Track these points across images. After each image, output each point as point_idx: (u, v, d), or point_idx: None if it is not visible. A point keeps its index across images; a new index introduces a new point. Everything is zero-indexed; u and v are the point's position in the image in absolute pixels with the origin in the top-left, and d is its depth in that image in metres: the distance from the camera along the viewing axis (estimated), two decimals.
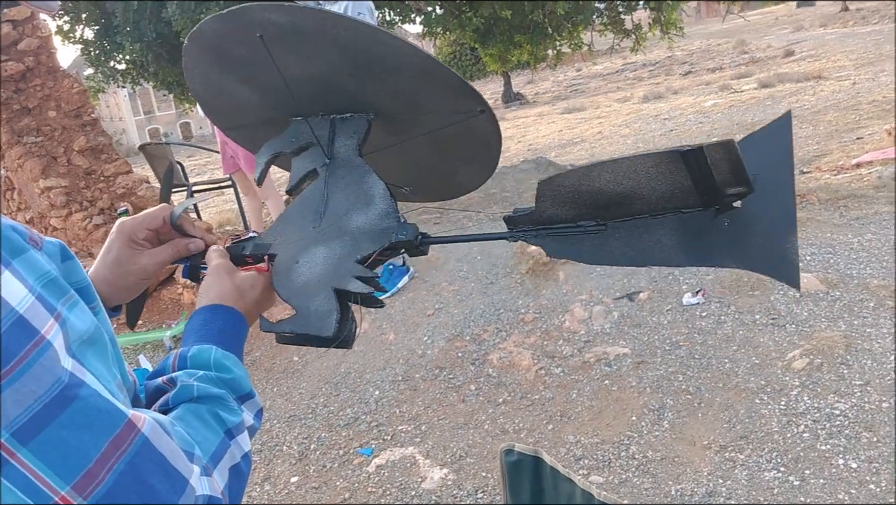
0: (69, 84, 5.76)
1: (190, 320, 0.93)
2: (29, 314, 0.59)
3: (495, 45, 9.71)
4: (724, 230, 0.92)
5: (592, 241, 0.99)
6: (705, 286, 3.85)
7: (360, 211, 1.04)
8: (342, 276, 1.00)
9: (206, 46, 1.04)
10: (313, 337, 1.00)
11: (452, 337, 3.97)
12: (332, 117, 1.08)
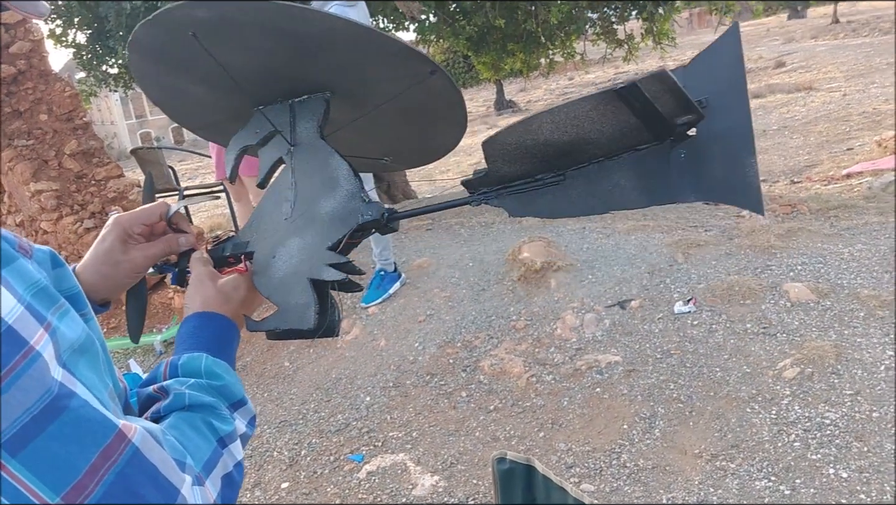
0: (61, 88, 5.74)
1: (179, 329, 0.93)
2: (18, 325, 0.59)
3: (488, 53, 9.74)
4: (681, 163, 0.88)
5: (552, 194, 0.97)
6: (696, 295, 3.86)
7: (327, 195, 1.02)
8: (315, 265, 1.00)
9: (148, 53, 1.03)
10: (297, 331, 1.00)
11: (444, 343, 3.97)
12: (291, 102, 1.07)
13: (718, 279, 4.00)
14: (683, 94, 0.82)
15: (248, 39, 0.96)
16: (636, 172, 0.91)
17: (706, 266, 4.21)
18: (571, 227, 5.29)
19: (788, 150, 10.55)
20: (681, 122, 0.86)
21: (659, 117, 0.85)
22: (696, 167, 0.87)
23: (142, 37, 1.00)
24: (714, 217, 5.46)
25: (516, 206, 1.00)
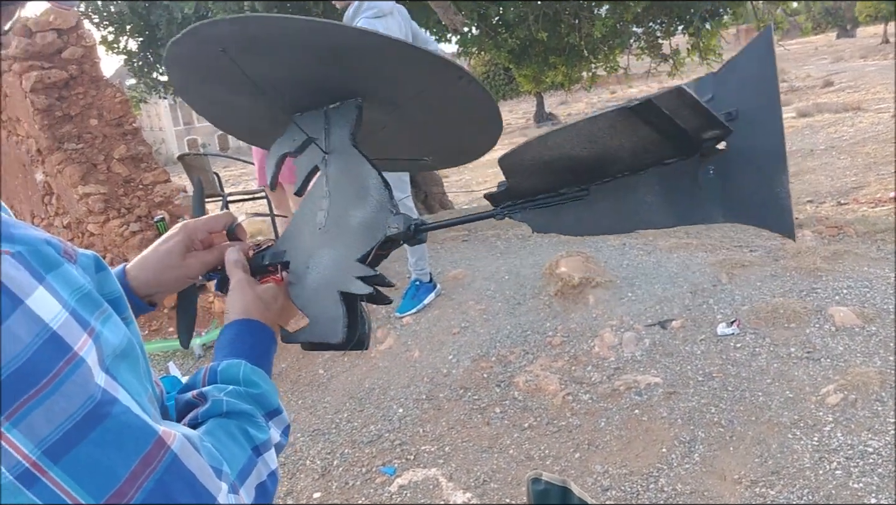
0: (112, 93, 5.86)
1: (220, 335, 0.94)
2: (62, 330, 0.60)
3: (530, 66, 9.72)
4: (709, 180, 0.83)
5: (576, 210, 0.94)
6: (740, 316, 3.78)
7: (358, 205, 1.02)
8: (344, 278, 0.99)
9: (185, 66, 1.05)
10: (327, 343, 0.99)
11: (478, 357, 3.94)
12: (325, 109, 1.07)
13: (763, 301, 3.91)
14: (705, 109, 0.77)
15: (276, 53, 0.97)
16: (662, 189, 0.87)
17: (751, 287, 4.12)
18: (611, 243, 5.23)
19: (835, 170, 10.33)
20: (707, 137, 0.81)
21: (682, 133, 0.80)
22: (725, 185, 0.82)
23: (176, 52, 1.01)
24: (759, 237, 5.36)
25: (540, 221, 0.98)
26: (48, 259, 0.63)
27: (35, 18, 5.72)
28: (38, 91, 5.51)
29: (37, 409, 0.57)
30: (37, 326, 0.58)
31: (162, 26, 7.08)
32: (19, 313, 0.58)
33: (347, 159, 1.04)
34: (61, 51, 5.69)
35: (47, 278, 0.62)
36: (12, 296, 0.58)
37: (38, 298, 0.59)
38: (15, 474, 0.57)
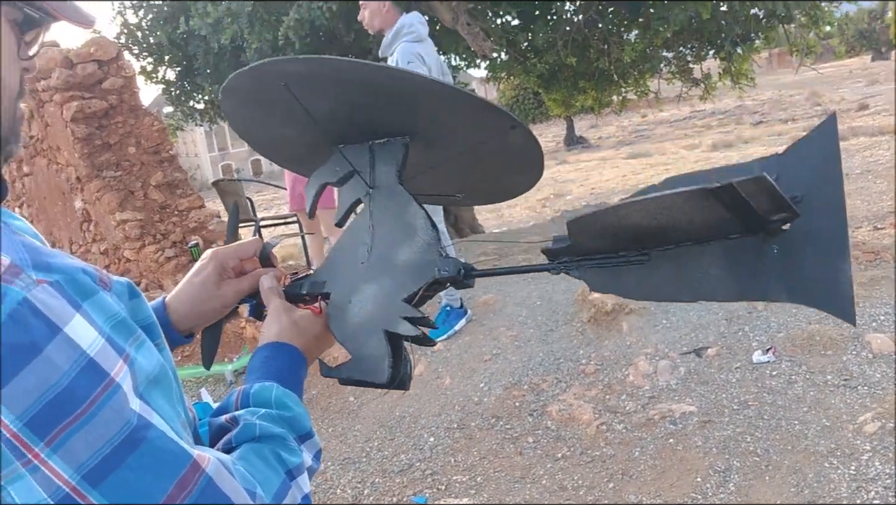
0: (150, 122, 5.99)
1: (252, 358, 0.95)
2: (99, 357, 0.61)
3: (559, 90, 9.73)
4: (773, 258, 0.85)
5: (637, 273, 0.94)
6: (776, 344, 3.72)
7: (404, 244, 1.02)
8: (391, 317, 0.99)
9: (241, 98, 1.09)
10: (369, 382, 1.00)
11: (510, 385, 3.91)
12: (370, 143, 1.07)
13: (799, 328, 3.85)
14: (780, 196, 0.78)
15: (334, 90, 1.00)
16: (726, 262, 0.88)
17: (786, 314, 4.05)
18: None
19: (872, 194, 10.16)
20: (775, 218, 0.83)
21: (753, 213, 0.81)
22: (788, 264, 0.84)
23: (237, 85, 1.05)
24: None
25: (598, 281, 0.97)
26: (84, 287, 0.64)
27: (76, 50, 5.88)
28: (78, 120, 5.65)
29: (76, 434, 0.59)
30: (74, 353, 0.60)
31: (199, 56, 7.23)
32: (58, 341, 0.59)
33: (393, 196, 1.04)
34: (102, 81, 5.84)
35: (83, 306, 0.63)
36: (50, 324, 0.60)
37: (75, 326, 0.61)
38: (56, 499, 0.59)
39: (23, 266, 0.62)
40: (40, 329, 0.59)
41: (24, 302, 0.59)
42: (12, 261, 0.61)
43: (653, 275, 0.93)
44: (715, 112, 26.31)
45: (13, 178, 7.25)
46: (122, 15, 7.52)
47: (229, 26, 6.24)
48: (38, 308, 0.59)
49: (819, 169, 0.83)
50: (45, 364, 0.58)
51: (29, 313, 0.59)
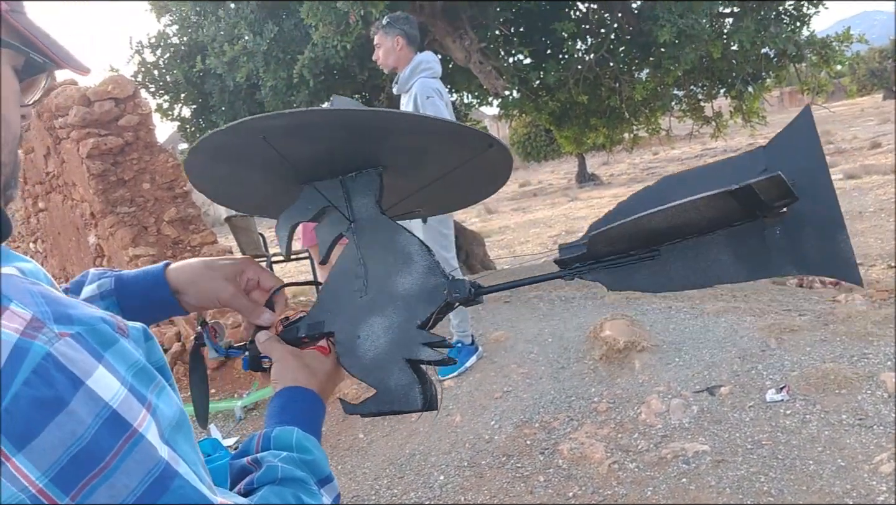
0: (164, 158, 6.06)
1: (270, 403, 0.96)
2: (122, 407, 0.62)
3: (570, 127, 9.78)
4: (776, 239, 0.93)
5: (649, 268, 0.98)
6: (790, 382, 3.67)
7: (402, 272, 1.03)
8: (410, 345, 1.00)
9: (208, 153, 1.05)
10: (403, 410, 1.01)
11: (521, 423, 3.88)
12: (341, 178, 1.07)
13: (813, 367, 3.80)
14: (789, 190, 0.86)
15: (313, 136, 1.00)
16: (732, 248, 0.95)
17: (800, 352, 4.01)
18: (657, 306, 5.16)
19: (885, 232, 10.10)
20: (777, 204, 0.91)
21: (760, 203, 0.90)
22: (791, 243, 0.92)
23: (210, 143, 1.02)
24: (808, 301, 5.24)
25: (613, 280, 1.01)
26: (105, 337, 0.65)
27: (94, 88, 5.99)
28: (94, 157, 5.72)
29: (100, 487, 0.59)
30: (97, 406, 0.60)
31: (214, 94, 7.34)
32: (81, 394, 0.60)
33: (378, 227, 1.05)
34: (118, 118, 5.93)
35: (105, 356, 0.64)
36: (74, 378, 0.60)
37: (98, 378, 0.61)
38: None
39: (44, 319, 0.62)
40: (64, 383, 0.59)
41: (47, 357, 0.60)
42: (34, 315, 0.62)
43: (664, 268, 0.98)
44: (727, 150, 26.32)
45: (28, 214, 7.33)
46: (139, 54, 7.65)
47: (245, 65, 6.34)
48: (62, 362, 0.60)
49: (804, 156, 0.91)
50: (70, 418, 0.59)
51: (53, 368, 0.60)
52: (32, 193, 7.12)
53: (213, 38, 6.71)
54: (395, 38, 4.39)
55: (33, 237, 7.45)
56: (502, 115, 9.52)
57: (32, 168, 6.91)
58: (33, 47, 0.77)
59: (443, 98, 4.37)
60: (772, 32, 6.49)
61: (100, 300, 1.05)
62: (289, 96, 6.58)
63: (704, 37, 6.11)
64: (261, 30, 6.26)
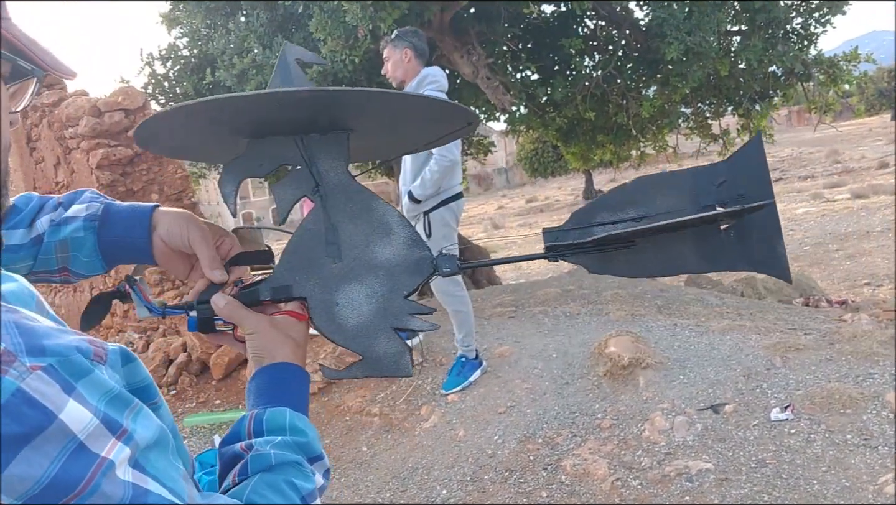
0: (173, 169, 6.10)
1: (254, 379, 0.94)
2: (91, 438, 0.62)
3: (578, 144, 9.81)
4: (730, 240, 1.10)
5: (626, 256, 1.11)
6: (794, 401, 3.65)
7: (381, 242, 1.02)
8: (398, 314, 1.01)
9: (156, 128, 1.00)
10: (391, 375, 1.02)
11: (524, 438, 3.87)
12: (301, 137, 1.01)
13: (818, 386, 3.78)
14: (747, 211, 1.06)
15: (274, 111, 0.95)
16: (696, 245, 1.11)
17: (805, 371, 3.99)
18: (662, 323, 5.15)
19: (892, 252, 10.07)
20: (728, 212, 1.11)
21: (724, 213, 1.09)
22: (742, 244, 1.09)
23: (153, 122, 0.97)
24: (814, 320, 5.22)
25: (594, 264, 1.12)
26: (78, 368, 0.65)
27: (104, 99, 6.04)
28: (103, 167, 5.76)
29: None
30: (65, 439, 0.61)
31: None
32: (52, 428, 0.60)
33: (351, 195, 1.02)
34: (128, 129, 5.97)
35: (77, 388, 0.64)
36: (45, 411, 0.60)
37: (69, 411, 0.62)
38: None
39: (17, 352, 0.62)
40: (34, 418, 0.60)
41: (17, 392, 0.60)
42: (6, 347, 0.62)
43: (639, 257, 1.11)
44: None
45: None
46: (150, 66, 7.72)
47: (254, 77, 6.39)
48: (33, 397, 0.60)
49: (754, 174, 1.09)
50: (37, 453, 0.59)
51: (22, 403, 0.60)
52: None
53: (222, 51, 6.76)
54: (403, 50, 4.42)
55: None
56: (509, 130, 9.55)
57: (42, 178, 6.95)
58: (20, 54, 0.77)
59: None
60: (779, 51, 6.50)
61: (81, 223, 1.04)
62: None
63: (712, 54, 6.13)
64: (270, 43, 6.30)
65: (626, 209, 1.11)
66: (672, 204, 1.10)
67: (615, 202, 1.12)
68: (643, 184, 1.12)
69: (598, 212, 1.12)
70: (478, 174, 38.18)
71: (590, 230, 1.10)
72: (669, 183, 1.12)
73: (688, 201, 1.10)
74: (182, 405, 5.53)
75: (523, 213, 24.69)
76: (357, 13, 5.15)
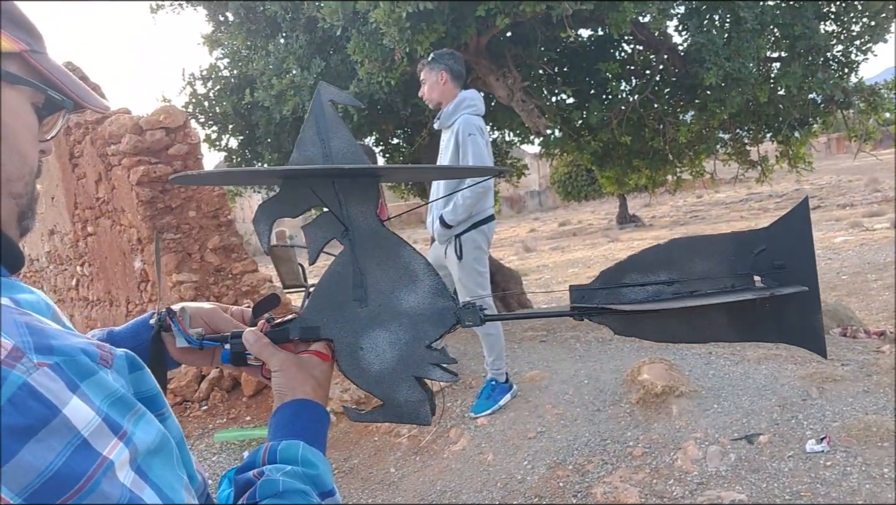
0: (211, 188, 6.19)
1: (277, 413, 0.98)
2: (93, 437, 0.64)
3: (613, 168, 9.73)
4: (765, 311, 1.05)
5: (654, 320, 1.07)
6: (831, 433, 3.57)
7: (407, 289, 1.03)
8: (419, 363, 1.02)
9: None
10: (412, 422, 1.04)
11: (554, 464, 3.82)
12: (333, 180, 1.04)
13: (855, 418, 3.69)
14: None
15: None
16: (729, 313, 1.07)
17: (842, 403, 3.90)
18: (696, 351, 5.08)
19: None
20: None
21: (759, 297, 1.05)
22: (777, 316, 1.06)
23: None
24: (851, 351, 5.10)
25: (620, 326, 1.09)
26: (83, 368, 0.67)
27: (147, 117, 6.16)
28: (143, 184, 5.87)
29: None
30: (69, 434, 0.62)
31: (261, 126, 7.49)
32: (56, 422, 0.62)
33: (380, 241, 1.04)
34: (168, 147, 6.08)
35: (81, 387, 0.66)
36: (50, 405, 0.62)
37: (73, 407, 0.64)
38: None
39: (25, 349, 0.64)
40: (39, 411, 0.61)
41: (23, 386, 0.62)
42: (14, 344, 0.64)
43: (668, 322, 1.08)
44: (772, 195, 25.98)
45: (77, 238, 7.53)
46: (191, 85, 7.87)
47: (292, 98, 6.47)
48: (38, 391, 0.62)
49: (797, 243, 1.05)
50: (41, 446, 0.61)
51: (28, 397, 0.62)
52: (82, 218, 7.31)
53: (262, 72, 6.87)
54: (439, 73, 4.45)
55: (81, 260, 7.64)
56: (543, 153, 9.54)
57: (84, 193, 7.11)
58: (52, 86, 0.82)
59: (483, 136, 4.40)
60: (819, 78, 6.42)
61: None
62: None
63: (751, 80, 6.07)
64: (308, 64, 6.39)
65: (657, 271, 1.07)
66: (707, 269, 1.06)
67: (647, 262, 1.08)
68: (679, 246, 1.09)
69: (628, 272, 1.08)
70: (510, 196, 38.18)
71: (618, 291, 1.07)
72: (706, 247, 1.08)
73: (724, 268, 1.06)
74: (213, 421, 5.57)
75: (556, 236, 24.59)
76: (395, 36, 5.21)
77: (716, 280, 1.06)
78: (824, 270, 11.62)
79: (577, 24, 6.48)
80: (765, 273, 1.05)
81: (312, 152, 1.04)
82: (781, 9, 6.44)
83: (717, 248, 1.07)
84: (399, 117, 7.51)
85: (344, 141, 1.04)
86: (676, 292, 1.06)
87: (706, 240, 1.09)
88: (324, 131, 1.04)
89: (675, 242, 1.09)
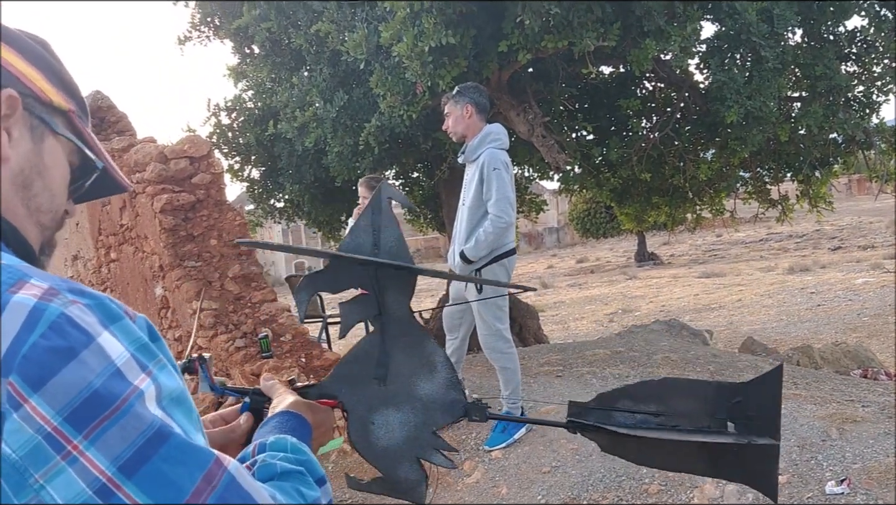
0: (233, 217, 6.27)
1: (264, 424, 1.02)
2: (125, 368, 0.69)
3: (632, 205, 9.73)
4: (734, 453, 1.20)
5: (638, 444, 1.19)
6: (851, 475, 3.51)
7: (424, 377, 1.10)
8: (424, 446, 1.09)
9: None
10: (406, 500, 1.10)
11: (569, 500, 3.78)
12: (376, 267, 1.12)
13: (876, 460, 3.63)
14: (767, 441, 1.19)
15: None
16: (703, 451, 1.22)
17: (863, 444, 3.84)
18: None
19: None
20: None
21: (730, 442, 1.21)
22: (742, 461, 1.20)
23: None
24: (872, 392, 5.03)
25: (608, 445, 1.23)
26: (112, 313, 0.73)
27: (171, 146, 6.28)
28: (166, 212, 5.96)
29: (111, 428, 0.65)
30: (105, 361, 0.68)
31: (283, 158, 7.60)
32: (92, 347, 0.67)
33: (408, 329, 1.12)
34: (192, 176, 6.18)
35: (111, 328, 0.71)
36: (86, 333, 0.68)
37: (105, 339, 0.69)
38: (93, 489, 0.64)
39: (60, 289, 0.71)
40: (77, 337, 0.67)
41: (61, 316, 0.68)
42: (51, 285, 0.71)
43: (651, 449, 1.21)
44: (792, 235, 25.81)
45: (100, 263, 7.62)
46: (216, 116, 8.01)
47: (314, 130, 6.57)
48: (75, 320, 0.68)
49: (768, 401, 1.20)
50: (82, 366, 0.66)
51: (66, 324, 0.67)
52: (106, 244, 7.41)
53: (285, 104, 6.98)
54: (464, 106, 4.49)
55: (103, 286, 7.73)
56: (563, 189, 9.57)
57: (108, 220, 7.22)
58: (88, 147, 0.91)
59: (508, 171, 4.44)
60: (840, 118, 6.42)
61: None
62: (354, 162, 6.76)
63: (772, 119, 6.09)
64: (331, 97, 6.49)
65: (647, 402, 1.21)
66: (689, 409, 1.21)
67: (639, 394, 1.22)
68: (668, 385, 1.25)
69: (622, 399, 1.22)
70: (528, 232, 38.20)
71: (611, 413, 1.21)
72: (692, 390, 1.24)
73: (704, 410, 1.20)
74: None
75: (573, 273, 24.52)
76: (417, 70, 5.29)
77: (695, 419, 1.20)
78: (844, 312, 11.49)
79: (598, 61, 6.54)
80: (737, 421, 1.19)
81: (364, 240, 1.13)
82: (802, 49, 6.48)
83: (700, 392, 1.23)
84: (419, 151, 7.59)
85: (393, 236, 1.13)
86: (661, 424, 1.19)
87: (692, 383, 1.27)
88: (377, 224, 1.13)
89: (666, 381, 1.25)
